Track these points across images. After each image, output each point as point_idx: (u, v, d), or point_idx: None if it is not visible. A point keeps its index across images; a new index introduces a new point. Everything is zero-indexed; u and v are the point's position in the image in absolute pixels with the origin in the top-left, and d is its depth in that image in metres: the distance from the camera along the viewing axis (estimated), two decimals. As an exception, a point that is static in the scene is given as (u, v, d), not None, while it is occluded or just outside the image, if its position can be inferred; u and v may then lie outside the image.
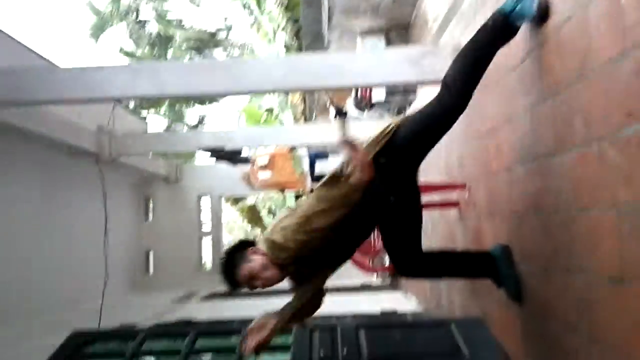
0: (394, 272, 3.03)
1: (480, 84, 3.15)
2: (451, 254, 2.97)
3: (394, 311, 5.68)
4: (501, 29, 2.45)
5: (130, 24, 18.71)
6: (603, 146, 1.87)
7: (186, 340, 2.74)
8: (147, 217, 10.77)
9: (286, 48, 12.35)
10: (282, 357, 2.56)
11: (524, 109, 2.61)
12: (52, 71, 4.71)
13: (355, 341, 2.63)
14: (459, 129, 3.89)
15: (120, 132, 7.80)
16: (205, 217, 11.96)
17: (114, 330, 3.86)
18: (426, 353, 2.49)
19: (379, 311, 5.71)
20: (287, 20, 12.14)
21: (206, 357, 2.80)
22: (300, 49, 10.90)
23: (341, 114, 8.18)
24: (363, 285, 8.39)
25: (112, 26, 18.69)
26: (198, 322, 5.61)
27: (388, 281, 8.27)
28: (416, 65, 3.96)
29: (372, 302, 6.55)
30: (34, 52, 6.78)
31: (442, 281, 4.37)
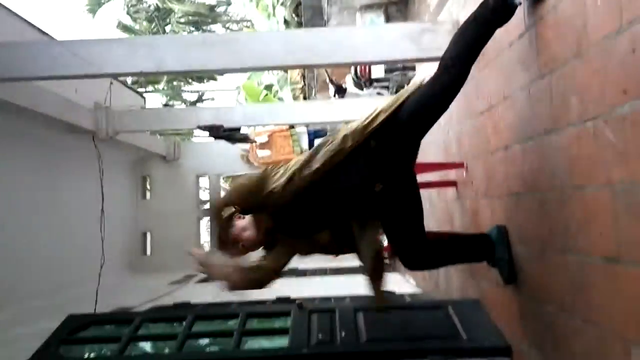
0: (392, 254, 3.01)
1: (478, 62, 3.11)
2: (452, 240, 2.95)
3: (392, 292, 5.70)
4: (499, 9, 2.38)
5: (128, -2, 18.55)
6: (598, 124, 1.84)
7: (183, 324, 2.73)
8: (144, 197, 10.71)
9: (286, 23, 12.22)
10: (281, 341, 2.56)
11: (521, 86, 2.58)
12: (47, 45, 4.64)
13: (354, 324, 2.64)
14: (456, 107, 3.86)
15: (117, 110, 7.72)
16: (204, 196, 11.92)
17: (110, 314, 3.87)
18: (424, 335, 2.49)
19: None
20: (287, -7, 11.99)
21: (204, 341, 2.79)
22: (300, 24, 10.79)
23: (340, 91, 8.12)
24: (361, 267, 8.38)
25: (109, 1, 18.52)
26: (195, 305, 5.63)
27: (386, 262, 8.27)
28: (415, 42, 3.90)
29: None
30: (30, 24, 6.63)
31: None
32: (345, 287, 6.46)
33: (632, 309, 1.70)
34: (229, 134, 7.25)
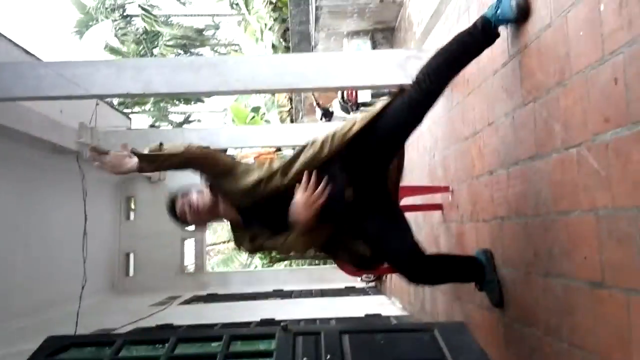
0: (378, 275, 3.03)
1: (463, 88, 3.17)
2: (446, 257, 2.99)
3: (378, 315, 5.69)
4: (482, 33, 2.46)
5: (116, 20, 18.57)
6: (581, 151, 1.88)
7: (166, 347, 2.70)
8: (128, 217, 10.61)
9: (273, 47, 12.33)
10: (265, 364, 2.53)
11: (505, 112, 2.62)
12: (33, 66, 4.62)
13: (339, 347, 2.61)
14: (442, 131, 3.92)
15: (103, 130, 7.69)
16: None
17: (91, 335, 3.80)
18: (410, 358, 2.48)
19: (363, 315, 5.72)
20: (275, 20, 12.12)
21: (186, 363, 2.75)
22: (287, 49, 10.88)
23: (327, 115, 8.18)
24: (347, 288, 8.38)
25: (97, 23, 18.54)
26: (178, 327, 5.57)
27: (372, 284, 8.27)
28: (401, 68, 3.97)
29: (356, 306, 6.56)
30: (16, 44, 6.60)
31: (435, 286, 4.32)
32: (330, 309, 6.44)
33: (617, 333, 1.72)
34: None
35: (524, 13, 2.33)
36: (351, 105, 6.99)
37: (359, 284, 8.54)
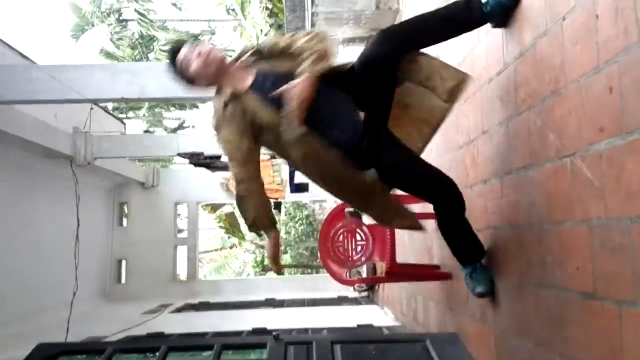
0: (371, 284, 2.99)
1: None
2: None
3: (370, 325, 5.66)
4: (471, 12, 2.37)
5: (112, 24, 18.56)
6: (575, 160, 1.87)
7: (157, 355, 2.66)
8: (121, 224, 10.53)
9: (269, 54, 12.30)
10: (257, 375, 2.51)
11: (499, 121, 2.61)
12: (28, 69, 4.61)
13: (331, 357, 2.59)
14: (436, 140, 3.90)
15: (97, 135, 7.66)
16: (182, 224, 11.74)
17: (81, 343, 3.76)
18: (402, 370, 2.46)
19: (355, 325, 5.69)
20: (271, 25, 12.13)
21: (178, 373, 2.72)
22: (283, 55, 10.86)
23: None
24: (340, 297, 8.35)
25: (93, 27, 18.52)
26: (169, 335, 5.53)
27: (365, 294, 8.24)
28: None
29: (349, 315, 6.53)
30: (11, 47, 6.57)
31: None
32: (322, 318, 6.42)
33: (609, 345, 1.70)
34: (209, 162, 7.24)
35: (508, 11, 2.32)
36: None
37: (351, 293, 8.51)
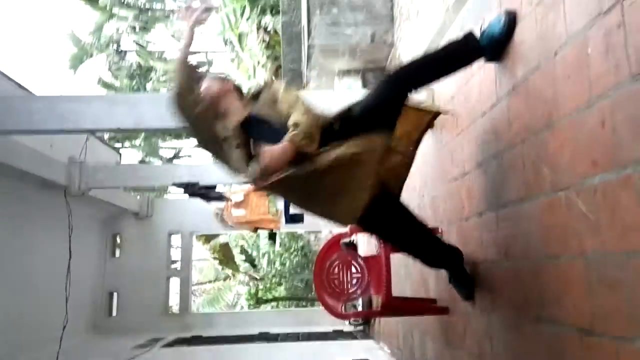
0: (367, 319, 3.04)
1: (453, 128, 3.17)
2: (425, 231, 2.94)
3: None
4: (469, 46, 2.50)
5: (110, 55, 18.72)
6: (570, 194, 1.87)
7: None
8: (114, 255, 10.40)
9: (266, 85, 12.40)
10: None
11: (494, 154, 2.62)
12: (25, 99, 4.63)
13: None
14: (431, 171, 3.91)
15: (92, 164, 7.64)
16: (175, 255, 11.62)
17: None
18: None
19: (350, 360, 5.62)
20: (268, 57, 12.26)
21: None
22: (279, 87, 10.94)
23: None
24: (335, 331, 8.25)
25: (91, 57, 18.67)
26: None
27: (360, 328, 8.14)
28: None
29: (344, 350, 6.44)
30: (8, 77, 6.59)
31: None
32: (317, 353, 6.33)
33: (607, 382, 1.67)
34: (204, 192, 7.22)
35: (512, 26, 2.35)
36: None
37: (347, 327, 8.41)
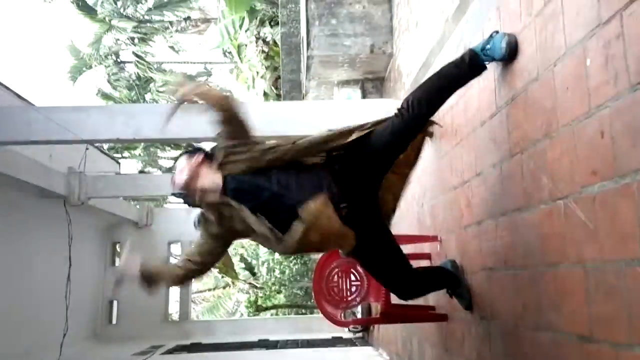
0: (366, 325, 3.10)
1: (452, 138, 3.19)
2: (430, 271, 3.26)
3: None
4: (469, 67, 2.54)
5: (109, 66, 18.76)
6: (569, 203, 1.89)
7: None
8: (113, 263, 10.37)
9: (265, 95, 12.46)
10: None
11: (493, 163, 2.64)
12: (24, 110, 4.63)
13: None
14: (430, 181, 3.93)
15: (91, 175, 7.66)
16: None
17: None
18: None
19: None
20: (267, 68, 12.29)
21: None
22: (278, 96, 11.01)
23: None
24: (334, 338, 8.23)
25: (90, 68, 18.71)
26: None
27: (360, 335, 8.13)
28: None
29: (343, 357, 6.43)
30: (8, 88, 6.61)
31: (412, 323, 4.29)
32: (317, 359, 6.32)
33: (607, 389, 1.69)
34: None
35: (512, 54, 2.38)
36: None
37: (346, 334, 8.40)
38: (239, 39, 13.03)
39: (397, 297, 2.91)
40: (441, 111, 3.53)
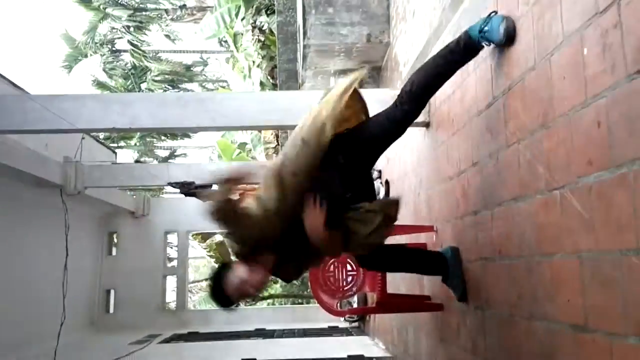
0: (362, 315, 3.15)
1: (448, 128, 3.19)
2: (409, 251, 3.33)
3: (361, 356, 5.60)
4: (466, 48, 2.57)
5: (104, 55, 18.67)
6: (565, 193, 1.89)
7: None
8: (110, 253, 10.39)
9: (261, 85, 12.41)
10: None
11: (489, 153, 2.64)
12: (19, 99, 4.59)
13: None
14: (426, 170, 3.93)
15: (87, 164, 7.63)
16: (172, 253, 11.61)
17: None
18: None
19: (345, 356, 5.63)
20: (263, 57, 12.22)
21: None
22: (275, 86, 10.96)
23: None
24: (330, 327, 8.27)
25: (86, 57, 18.62)
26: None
27: (356, 324, 8.17)
28: (386, 106, 3.98)
29: (339, 346, 6.46)
30: (3, 76, 6.55)
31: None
32: (312, 349, 6.34)
33: (601, 378, 1.69)
34: (200, 191, 7.20)
35: (510, 39, 2.37)
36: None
37: (342, 323, 8.43)
38: (235, 27, 12.95)
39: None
40: (438, 100, 3.54)
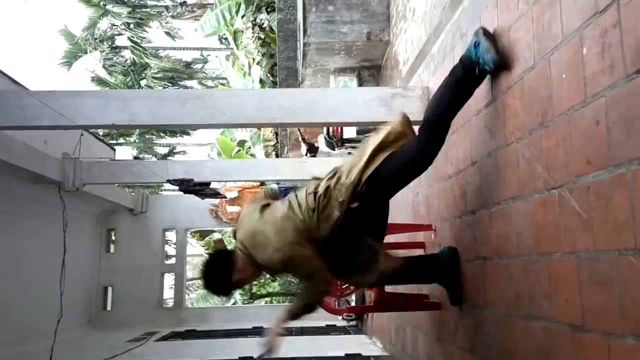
0: (360, 314, 3.21)
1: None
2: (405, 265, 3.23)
3: (359, 355, 5.60)
4: (471, 74, 2.54)
5: (104, 51, 18.64)
6: (563, 193, 1.88)
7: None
8: (108, 250, 10.37)
9: (261, 82, 12.41)
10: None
11: (488, 152, 2.63)
12: (18, 94, 4.57)
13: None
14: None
15: (86, 161, 7.61)
16: (170, 250, 11.59)
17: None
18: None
19: (343, 354, 5.63)
20: (263, 55, 12.22)
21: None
22: (274, 83, 10.96)
23: (312, 150, 8.19)
24: (328, 326, 8.26)
25: (86, 54, 18.59)
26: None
27: (353, 323, 8.17)
28: (386, 105, 3.99)
29: (337, 345, 6.45)
30: (2, 72, 6.55)
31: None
32: (310, 347, 6.33)
33: (598, 378, 1.69)
34: (198, 189, 7.20)
35: (504, 63, 2.40)
36: (336, 141, 7.01)
37: (340, 322, 8.43)
38: (235, 25, 12.94)
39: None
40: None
